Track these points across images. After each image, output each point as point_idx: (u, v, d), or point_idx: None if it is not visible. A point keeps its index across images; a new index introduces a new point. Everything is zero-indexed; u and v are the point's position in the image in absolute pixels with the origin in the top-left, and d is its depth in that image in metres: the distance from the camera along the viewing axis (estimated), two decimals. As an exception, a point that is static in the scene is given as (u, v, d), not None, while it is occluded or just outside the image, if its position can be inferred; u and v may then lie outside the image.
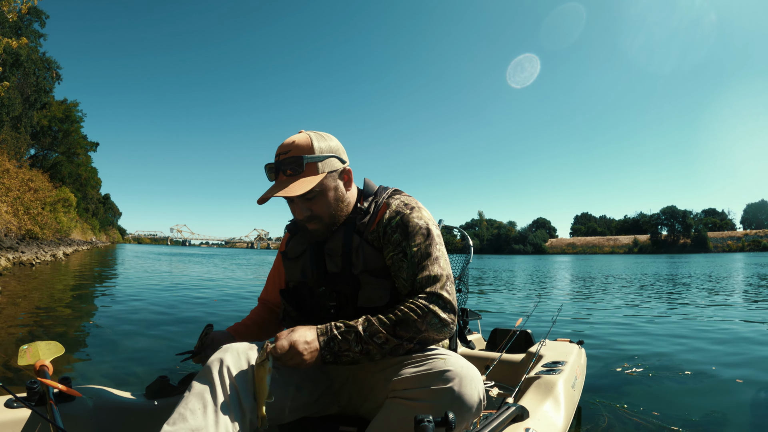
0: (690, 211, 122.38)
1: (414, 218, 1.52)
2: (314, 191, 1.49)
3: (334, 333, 1.36)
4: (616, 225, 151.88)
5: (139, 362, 3.90)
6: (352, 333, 1.36)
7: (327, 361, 1.36)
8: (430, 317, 1.37)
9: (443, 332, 1.40)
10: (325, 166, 1.50)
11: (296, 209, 1.55)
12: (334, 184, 1.54)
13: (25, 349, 1.79)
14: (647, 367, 3.86)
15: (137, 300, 8.10)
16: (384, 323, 1.37)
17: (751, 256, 53.85)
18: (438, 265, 1.47)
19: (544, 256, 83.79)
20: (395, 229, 1.51)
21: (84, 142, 54.41)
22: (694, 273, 19.70)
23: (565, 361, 2.31)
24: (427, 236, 1.50)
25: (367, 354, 1.36)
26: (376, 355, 1.37)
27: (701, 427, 2.61)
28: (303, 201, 1.52)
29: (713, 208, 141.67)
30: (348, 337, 1.35)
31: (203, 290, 10.39)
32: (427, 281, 1.43)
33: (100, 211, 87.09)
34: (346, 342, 1.35)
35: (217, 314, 6.88)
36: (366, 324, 1.37)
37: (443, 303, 1.40)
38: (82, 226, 55.21)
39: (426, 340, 1.38)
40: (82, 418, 1.55)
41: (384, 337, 1.35)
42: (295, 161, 1.47)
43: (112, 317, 6.21)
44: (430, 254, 1.47)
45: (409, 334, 1.36)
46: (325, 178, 1.51)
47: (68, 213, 38.80)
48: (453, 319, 1.42)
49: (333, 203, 1.54)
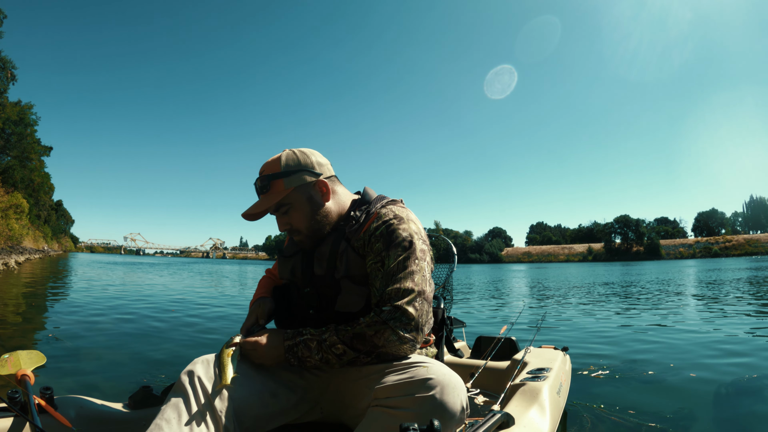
0: (643, 220, 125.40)
1: (399, 229, 1.53)
2: (286, 204, 1.60)
3: (298, 340, 1.46)
4: (571, 234, 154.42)
5: (103, 373, 3.83)
6: (314, 341, 1.44)
7: (293, 365, 1.47)
8: (388, 334, 1.38)
9: (402, 349, 1.41)
10: (291, 182, 1.58)
11: (278, 223, 1.65)
12: (306, 197, 1.60)
13: (6, 358, 1.75)
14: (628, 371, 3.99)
15: (96, 310, 7.86)
16: (343, 335, 1.42)
17: (702, 262, 55.85)
18: (411, 280, 1.46)
19: (501, 265, 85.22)
20: (378, 238, 1.53)
21: (38, 147, 52.50)
22: (659, 279, 20.38)
23: (550, 368, 2.33)
24: (408, 248, 1.50)
25: (326, 362, 1.44)
26: (335, 364, 1.45)
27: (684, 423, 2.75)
28: (280, 215, 1.63)
29: (665, 216, 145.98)
30: (310, 344, 1.44)
31: (160, 300, 10.22)
32: (395, 294, 1.43)
33: (53, 219, 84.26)
34: (308, 349, 1.44)
35: (177, 321, 6.80)
36: (328, 334, 1.44)
37: (406, 320, 1.40)
38: (34, 234, 53.24)
39: (384, 355, 1.41)
40: (64, 428, 1.51)
41: (342, 349, 1.42)
42: (263, 181, 1.60)
43: (72, 328, 6.04)
44: (406, 267, 1.47)
45: (366, 348, 1.40)
46: (292, 193, 1.58)
47: (20, 220, 37.52)
48: (414, 337, 1.42)
49: (307, 215, 1.60)
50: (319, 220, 1.61)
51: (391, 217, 1.56)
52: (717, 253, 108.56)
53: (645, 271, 30.48)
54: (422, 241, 1.56)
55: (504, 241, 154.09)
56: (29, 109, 48.33)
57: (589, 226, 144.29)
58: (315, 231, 1.62)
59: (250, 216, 1.66)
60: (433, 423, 1.00)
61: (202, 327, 6.53)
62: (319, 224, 1.61)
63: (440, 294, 2.24)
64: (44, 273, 20.00)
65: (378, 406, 1.30)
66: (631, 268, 41.57)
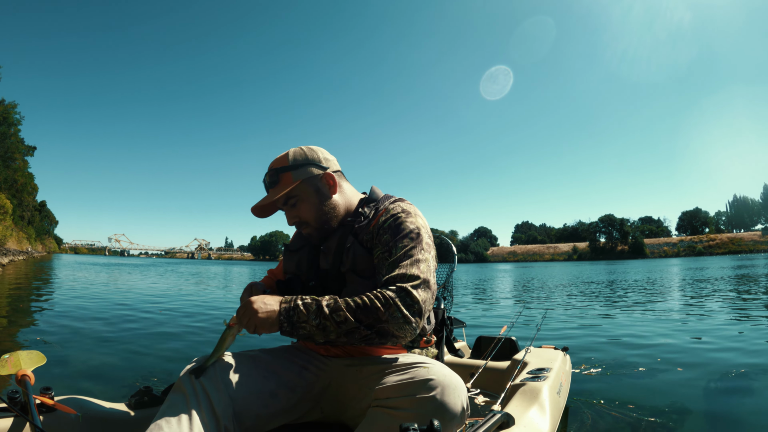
0: (627, 219, 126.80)
1: (407, 222, 1.55)
2: (294, 197, 1.64)
3: (297, 302, 1.39)
4: (556, 233, 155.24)
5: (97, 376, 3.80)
6: (314, 305, 1.38)
7: (284, 330, 1.38)
8: (393, 310, 1.34)
9: (404, 330, 1.36)
10: (299, 175, 1.63)
11: (287, 217, 1.68)
12: (312, 190, 1.64)
13: (6, 358, 1.77)
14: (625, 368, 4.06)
15: (83, 313, 7.79)
16: (348, 304, 1.37)
17: (686, 261, 56.59)
18: (417, 267, 1.45)
19: (486, 264, 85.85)
20: (386, 230, 1.54)
21: (21, 147, 51.81)
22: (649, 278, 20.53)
23: (550, 368, 2.34)
24: (415, 239, 1.51)
25: (323, 330, 1.36)
26: (332, 332, 1.36)
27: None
28: (289, 209, 1.66)
29: (649, 215, 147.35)
30: (309, 308, 1.37)
31: (147, 301, 10.17)
32: (401, 278, 1.42)
33: (36, 220, 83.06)
34: (306, 313, 1.37)
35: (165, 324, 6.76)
36: (331, 301, 1.39)
37: (410, 301, 1.36)
38: (18, 235, 52.48)
39: (384, 332, 1.36)
40: (65, 428, 1.53)
41: (343, 317, 1.35)
42: (272, 175, 1.65)
43: (59, 330, 6.00)
44: (412, 256, 1.47)
45: (368, 320, 1.34)
46: (300, 185, 1.62)
47: (3, 221, 36.98)
48: (416, 321, 1.38)
49: (316, 207, 1.64)
50: (327, 211, 1.65)
51: (399, 211, 1.59)
52: (701, 251, 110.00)
53: (631, 270, 30.80)
54: (428, 235, 1.58)
55: (489, 240, 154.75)
56: (13, 109, 47.76)
57: (574, 226, 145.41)
58: (323, 223, 1.65)
59: (259, 209, 1.68)
60: (433, 423, 1.00)
61: (196, 328, 6.50)
62: (326, 216, 1.65)
63: (440, 294, 2.25)
64: (29, 275, 19.76)
65: (378, 407, 1.30)
66: (617, 266, 42.02)
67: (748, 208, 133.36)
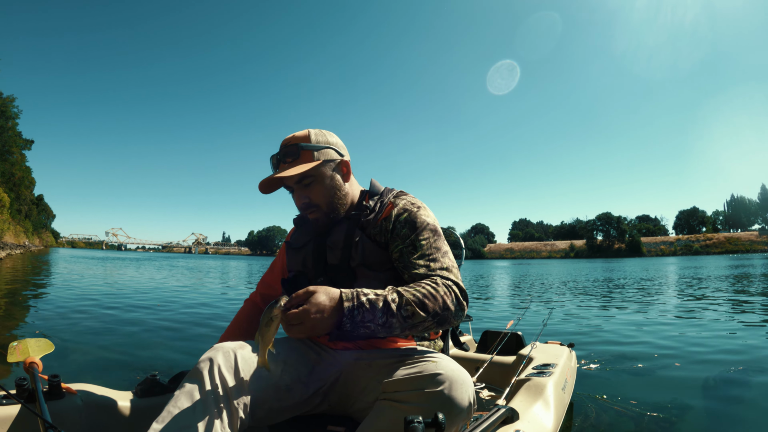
0: (624, 217, 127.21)
1: (422, 215, 1.56)
2: (310, 177, 1.57)
3: (361, 300, 1.27)
4: (553, 230, 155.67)
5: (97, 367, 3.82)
6: (380, 302, 1.28)
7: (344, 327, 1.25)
8: (452, 297, 1.34)
9: (458, 317, 1.36)
10: (321, 155, 1.58)
11: (296, 197, 1.62)
12: (330, 173, 1.60)
13: (15, 345, 1.80)
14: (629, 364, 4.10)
15: (81, 305, 7.78)
16: (414, 295, 1.31)
17: (683, 260, 56.70)
18: (448, 258, 1.49)
19: (483, 261, 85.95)
20: (404, 225, 1.54)
21: (19, 140, 51.60)
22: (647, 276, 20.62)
23: (555, 364, 2.34)
24: (435, 232, 1.54)
25: (388, 327, 1.28)
26: (396, 329, 1.29)
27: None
28: (301, 188, 1.59)
29: (647, 214, 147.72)
30: (377, 305, 1.27)
31: (145, 295, 10.17)
32: (440, 269, 1.45)
33: (33, 213, 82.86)
34: (373, 312, 1.26)
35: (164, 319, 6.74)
36: (394, 295, 1.30)
37: (460, 289, 1.39)
38: (15, 229, 52.34)
39: (444, 320, 1.33)
40: (72, 415, 1.54)
41: (411, 311, 1.29)
42: (292, 149, 1.56)
43: (59, 322, 6.02)
44: (439, 248, 1.50)
45: (434, 308, 1.31)
46: (320, 165, 1.57)
47: (1, 214, 36.90)
48: (465, 309, 1.39)
49: (329, 191, 1.60)
50: (339, 198, 1.62)
51: (410, 205, 1.60)
52: (698, 251, 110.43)
53: (628, 268, 30.87)
54: (439, 227, 1.60)
55: (486, 237, 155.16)
56: (11, 102, 47.61)
57: (571, 223, 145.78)
58: (333, 209, 1.62)
59: (267, 184, 1.59)
60: (438, 416, 1.00)
61: (194, 321, 6.52)
62: (337, 203, 1.62)
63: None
64: (26, 268, 19.72)
65: (386, 400, 1.29)
66: (614, 264, 42.07)
67: (745, 208, 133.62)
